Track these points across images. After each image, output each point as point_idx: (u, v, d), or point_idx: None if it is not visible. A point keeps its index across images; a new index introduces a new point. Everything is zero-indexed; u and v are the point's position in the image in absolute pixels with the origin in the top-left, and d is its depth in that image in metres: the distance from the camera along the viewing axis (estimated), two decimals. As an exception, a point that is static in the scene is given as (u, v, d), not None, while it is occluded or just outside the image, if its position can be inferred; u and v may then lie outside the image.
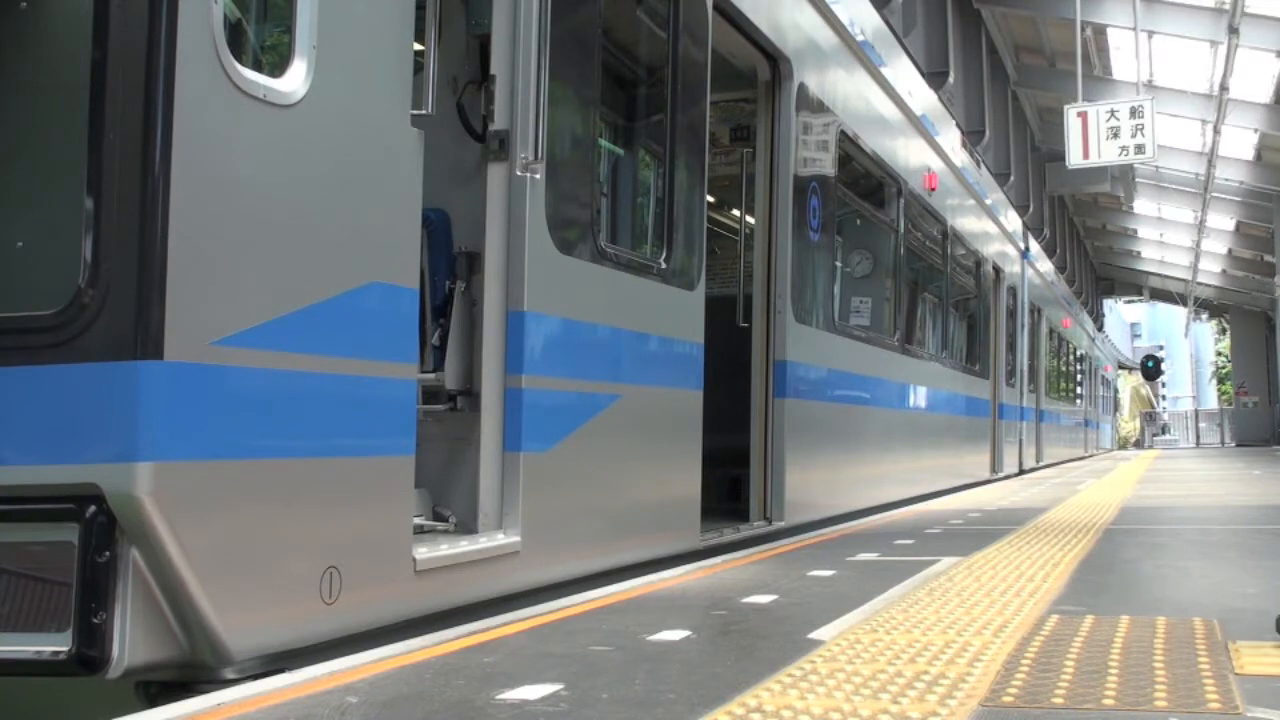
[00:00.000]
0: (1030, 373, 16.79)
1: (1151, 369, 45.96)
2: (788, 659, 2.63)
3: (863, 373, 8.06)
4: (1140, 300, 45.82)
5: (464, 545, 3.57)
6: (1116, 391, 43.12)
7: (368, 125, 3.17)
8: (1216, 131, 19.24)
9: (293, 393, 2.86)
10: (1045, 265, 19.67)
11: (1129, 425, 55.00)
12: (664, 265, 4.85)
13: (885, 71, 8.64)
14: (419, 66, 3.42)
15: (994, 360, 13.96)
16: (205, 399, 2.61)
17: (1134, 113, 14.01)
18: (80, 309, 2.52)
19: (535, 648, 2.87)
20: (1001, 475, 13.78)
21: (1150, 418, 58.71)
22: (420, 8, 3.41)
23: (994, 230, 14.18)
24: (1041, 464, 17.37)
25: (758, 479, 6.13)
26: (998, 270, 14.12)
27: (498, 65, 3.92)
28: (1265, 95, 19.30)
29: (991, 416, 13.69)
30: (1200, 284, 35.10)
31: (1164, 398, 69.34)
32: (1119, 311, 50.84)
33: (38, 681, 2.65)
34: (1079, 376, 25.76)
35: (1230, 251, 31.77)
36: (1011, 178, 19.44)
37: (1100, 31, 18.52)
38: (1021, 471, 15.36)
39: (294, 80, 2.89)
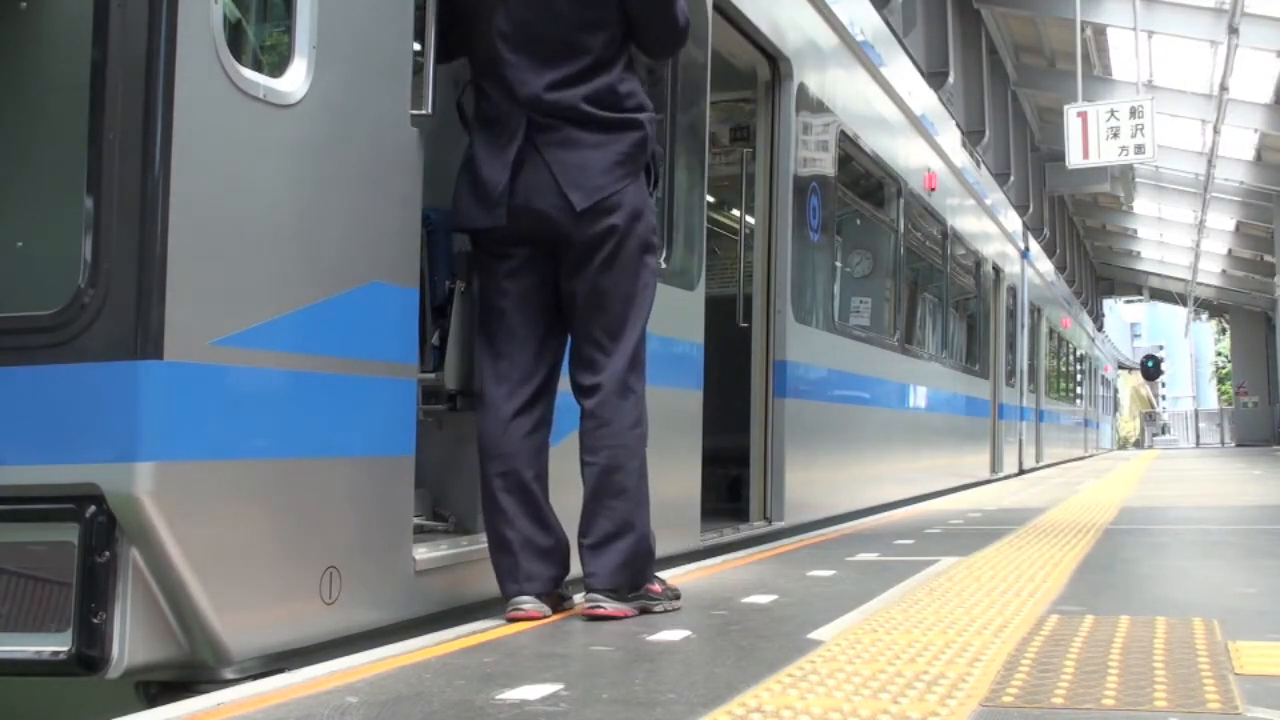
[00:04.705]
0: (1030, 373, 16.79)
1: (1151, 369, 46.03)
2: (788, 659, 2.63)
3: (863, 373, 8.06)
4: (1140, 300, 45.85)
5: (464, 545, 3.57)
6: (1116, 391, 43.13)
7: (368, 125, 3.17)
8: (1216, 131, 19.25)
9: (293, 393, 2.86)
10: (1045, 265, 19.67)
11: (1129, 425, 55.02)
12: (664, 265, 4.85)
13: (885, 71, 8.64)
14: (419, 66, 3.42)
15: (994, 360, 13.97)
16: (205, 399, 2.61)
17: (1134, 113, 14.04)
18: (80, 309, 2.51)
19: (535, 648, 2.87)
20: (1001, 475, 13.79)
21: (1150, 418, 58.79)
22: (420, 8, 3.41)
23: (994, 230, 14.18)
24: (1041, 464, 17.37)
25: (757, 479, 6.13)
26: (997, 270, 14.13)
27: (498, 65, 3.90)
28: (1265, 95, 19.31)
29: (991, 416, 13.69)
30: (1200, 284, 35.11)
31: (1164, 398, 69.40)
32: (1119, 311, 50.86)
33: (38, 681, 2.65)
34: (1079, 376, 25.76)
35: (1230, 251, 31.78)
36: (1011, 178, 19.45)
37: (1100, 31, 18.54)
38: (1021, 471, 15.36)
39: (294, 80, 2.89)
